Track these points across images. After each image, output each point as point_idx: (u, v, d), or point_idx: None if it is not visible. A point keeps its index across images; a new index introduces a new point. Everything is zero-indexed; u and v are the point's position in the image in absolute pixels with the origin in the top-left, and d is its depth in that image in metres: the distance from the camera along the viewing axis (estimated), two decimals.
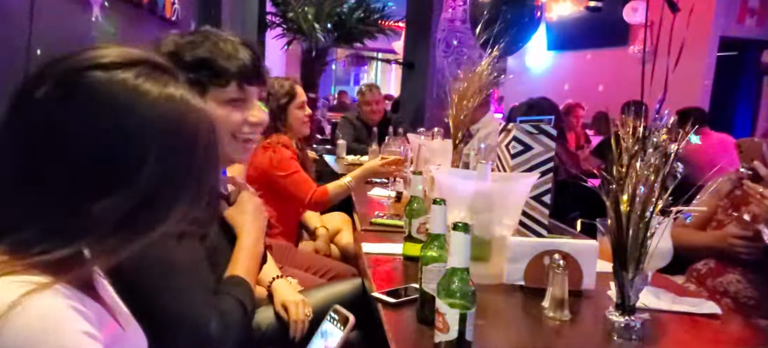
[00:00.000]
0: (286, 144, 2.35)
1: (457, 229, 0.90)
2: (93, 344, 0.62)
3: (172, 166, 0.64)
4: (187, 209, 0.66)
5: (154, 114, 0.62)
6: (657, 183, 0.98)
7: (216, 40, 1.06)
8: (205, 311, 0.98)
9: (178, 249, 0.98)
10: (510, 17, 3.72)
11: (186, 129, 0.65)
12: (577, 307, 1.26)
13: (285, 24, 5.85)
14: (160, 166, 0.62)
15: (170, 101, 0.64)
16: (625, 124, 1.04)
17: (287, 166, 2.29)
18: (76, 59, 0.63)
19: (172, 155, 0.63)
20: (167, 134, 0.63)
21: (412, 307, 1.18)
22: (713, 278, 1.72)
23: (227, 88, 1.06)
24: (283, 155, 2.29)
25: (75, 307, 0.62)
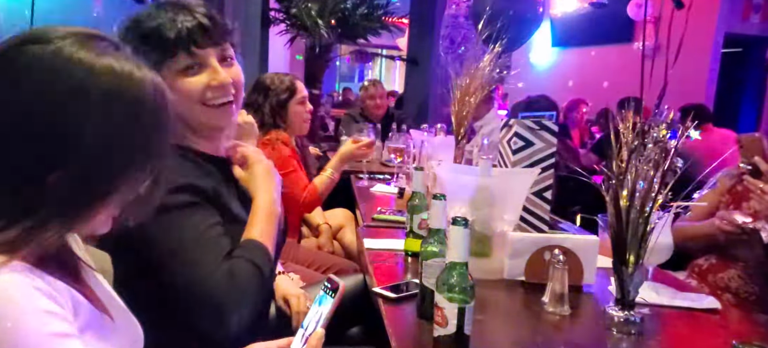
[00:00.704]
0: (285, 141, 2.32)
1: (456, 224, 0.91)
2: (55, 323, 0.62)
3: (114, 133, 0.64)
4: (142, 175, 0.68)
5: (90, 82, 0.63)
6: (656, 178, 0.98)
7: (159, 10, 1.02)
8: (215, 278, 0.95)
9: (185, 223, 0.98)
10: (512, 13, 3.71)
11: (125, 96, 0.65)
12: (578, 302, 1.27)
13: (288, 20, 5.85)
14: (100, 132, 0.63)
15: (107, 69, 0.64)
16: (625, 119, 1.05)
17: (284, 164, 2.25)
18: (17, 37, 0.65)
19: (112, 122, 0.64)
20: (106, 101, 0.64)
21: (413, 302, 1.19)
22: (714, 274, 1.72)
23: (176, 58, 1.02)
24: (281, 153, 2.26)
25: (37, 287, 0.62)
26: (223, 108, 1.08)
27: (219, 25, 1.06)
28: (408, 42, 5.85)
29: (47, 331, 0.61)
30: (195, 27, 1.02)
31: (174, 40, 1.01)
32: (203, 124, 1.09)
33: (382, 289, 1.26)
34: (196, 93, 1.04)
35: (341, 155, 2.39)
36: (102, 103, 0.63)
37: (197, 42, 1.02)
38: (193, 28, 1.01)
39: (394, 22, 6.39)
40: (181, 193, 0.99)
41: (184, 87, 1.03)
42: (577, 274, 1.32)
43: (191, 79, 1.04)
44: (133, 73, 0.66)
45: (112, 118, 0.64)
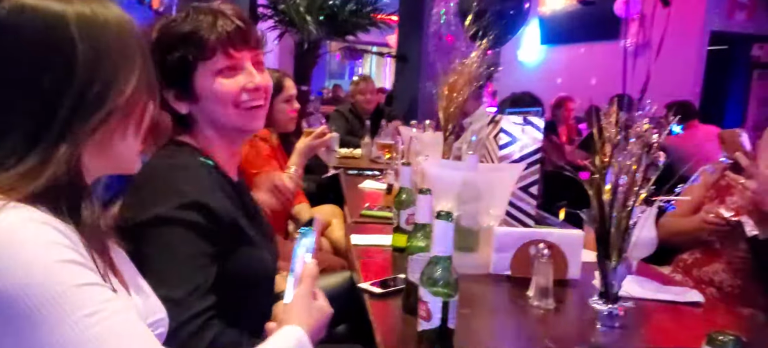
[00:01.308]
0: (264, 137, 2.29)
1: (441, 217, 0.91)
2: (65, 251, 0.63)
3: (96, 46, 0.69)
4: (130, 87, 0.71)
5: (65, 11, 0.68)
6: (639, 173, 0.99)
7: (196, 14, 1.04)
8: (186, 327, 0.89)
9: (182, 243, 0.95)
10: (499, 10, 3.73)
11: (99, 18, 0.70)
12: (563, 296, 1.28)
13: (276, 16, 5.82)
14: (85, 47, 0.68)
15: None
16: (608, 114, 1.05)
17: (261, 163, 2.22)
18: None
19: (93, 38, 0.69)
20: (83, 23, 0.69)
21: (399, 297, 1.19)
22: (699, 268, 1.74)
23: (214, 59, 1.04)
24: (258, 150, 2.23)
25: (46, 221, 0.64)
26: (255, 111, 1.09)
27: (254, 30, 1.10)
28: (397, 39, 5.85)
29: (54, 259, 0.62)
30: (234, 30, 1.04)
31: (214, 41, 1.03)
32: (234, 128, 1.09)
33: (368, 284, 1.26)
34: (231, 94, 1.06)
35: (298, 151, 2.37)
36: (79, 26, 0.69)
37: (235, 45, 1.05)
38: (232, 31, 1.04)
39: (384, 18, 6.38)
40: (193, 210, 0.96)
41: (220, 87, 1.05)
42: (562, 268, 1.33)
43: (228, 81, 1.06)
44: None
45: (92, 37, 0.69)
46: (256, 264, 1.07)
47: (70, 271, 0.62)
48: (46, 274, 0.61)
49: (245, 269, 1.04)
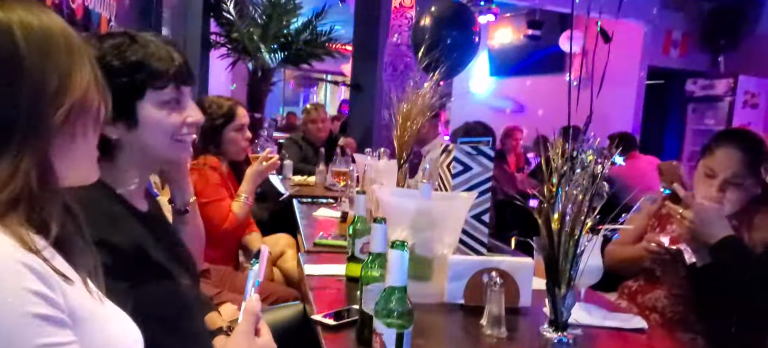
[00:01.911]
0: (214, 166, 2.24)
1: (395, 247, 0.91)
2: (37, 304, 0.61)
3: (44, 48, 0.69)
4: (84, 84, 0.71)
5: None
6: (585, 202, 1.03)
7: (145, 43, 1.05)
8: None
9: None
10: (450, 42, 3.83)
11: (42, 23, 0.70)
12: (515, 324, 1.29)
13: (230, 44, 5.78)
14: (33, 49, 0.68)
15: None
16: (555, 146, 1.09)
17: (210, 192, 2.18)
18: None
19: (40, 39, 0.69)
20: (28, 28, 0.69)
21: (353, 329, 1.18)
22: (643, 295, 1.80)
23: (164, 90, 1.06)
24: (207, 179, 2.19)
25: (26, 263, 0.62)
26: (188, 144, 1.13)
27: (192, 67, 1.14)
28: (352, 68, 5.90)
29: (32, 311, 0.61)
30: (183, 65, 1.08)
31: (168, 73, 1.05)
32: (165, 158, 1.13)
33: (321, 316, 1.24)
34: (172, 127, 1.08)
35: (248, 178, 2.35)
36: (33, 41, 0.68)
37: (185, 80, 1.09)
38: (182, 65, 1.08)
39: (338, 48, 6.44)
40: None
41: (165, 119, 1.07)
42: (514, 296, 1.35)
43: (172, 114, 1.08)
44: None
45: (38, 42, 0.69)
46: (168, 296, 1.05)
47: (35, 329, 0.61)
48: (14, 325, 0.60)
49: (157, 301, 1.02)
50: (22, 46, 0.67)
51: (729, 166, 1.65)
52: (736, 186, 1.65)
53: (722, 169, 1.66)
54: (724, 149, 1.68)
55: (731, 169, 1.65)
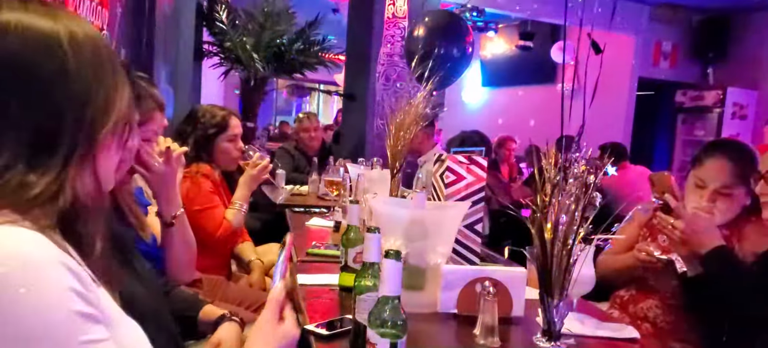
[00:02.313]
0: (206, 174, 2.24)
1: (389, 257, 0.91)
2: (79, 303, 0.62)
3: (90, 61, 0.69)
4: (125, 102, 0.73)
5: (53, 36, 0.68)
6: (577, 212, 1.03)
7: (138, 81, 1.17)
8: None
9: None
10: (443, 53, 3.85)
11: (87, 35, 0.70)
12: (507, 334, 1.29)
13: (222, 53, 5.78)
14: (79, 62, 0.68)
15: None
16: (548, 156, 1.10)
17: (203, 199, 2.18)
18: None
19: (86, 53, 0.69)
20: (75, 40, 0.68)
21: (347, 339, 1.17)
22: (635, 304, 1.81)
23: (150, 123, 1.18)
24: (200, 187, 2.18)
25: (64, 263, 0.62)
26: None
27: None
28: (345, 78, 5.91)
29: (74, 309, 0.62)
30: None
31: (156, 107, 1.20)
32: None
33: (314, 326, 1.23)
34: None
35: (242, 184, 2.34)
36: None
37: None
38: None
39: (331, 58, 6.45)
40: None
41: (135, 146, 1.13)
42: (507, 305, 1.35)
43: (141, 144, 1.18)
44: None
45: (83, 55, 0.69)
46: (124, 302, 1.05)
47: (79, 327, 0.63)
48: (60, 323, 0.61)
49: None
50: (71, 58, 0.67)
51: (718, 177, 1.67)
52: (725, 196, 1.67)
53: (712, 180, 1.68)
54: (713, 160, 1.70)
55: (721, 180, 1.67)
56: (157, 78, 3.63)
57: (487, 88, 9.23)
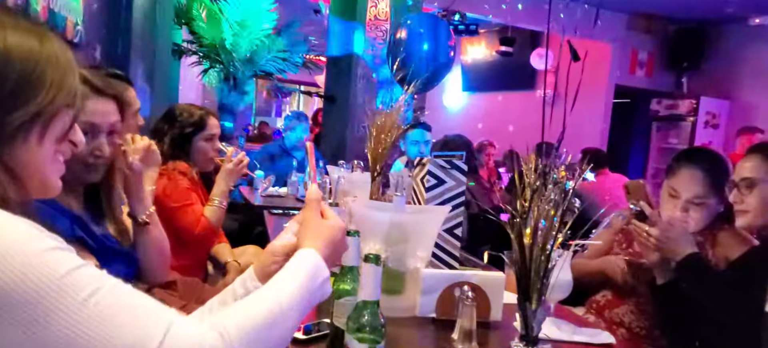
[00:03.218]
0: (183, 171, 2.20)
1: (369, 261, 0.90)
2: (47, 240, 0.64)
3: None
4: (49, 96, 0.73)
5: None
6: (557, 217, 1.04)
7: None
8: None
9: None
10: (425, 57, 3.86)
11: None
12: (485, 339, 1.29)
13: (201, 52, 5.71)
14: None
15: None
16: (528, 161, 1.10)
17: (180, 196, 2.14)
18: None
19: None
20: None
21: (323, 343, 1.16)
22: (610, 310, 1.82)
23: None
24: (176, 183, 2.15)
25: (36, 228, 0.64)
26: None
27: None
28: (325, 80, 5.89)
29: (42, 248, 0.63)
30: None
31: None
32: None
33: None
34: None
35: (219, 180, 2.31)
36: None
37: None
38: None
39: (312, 59, 6.42)
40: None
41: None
42: (485, 310, 1.35)
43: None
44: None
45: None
46: None
47: (59, 258, 0.64)
48: (40, 264, 0.62)
49: None
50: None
51: (691, 187, 1.69)
52: (699, 206, 1.69)
53: (685, 191, 1.70)
54: (686, 170, 1.72)
55: (694, 191, 1.69)
56: (133, 75, 3.56)
57: (468, 93, 9.29)
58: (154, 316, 0.66)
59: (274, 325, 0.75)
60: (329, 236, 0.91)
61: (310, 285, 0.82)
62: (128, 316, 0.64)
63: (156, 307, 0.68)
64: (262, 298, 0.78)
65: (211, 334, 0.68)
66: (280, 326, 0.76)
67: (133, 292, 0.68)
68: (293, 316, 0.79)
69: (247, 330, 0.71)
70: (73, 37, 2.77)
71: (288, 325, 0.78)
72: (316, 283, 0.84)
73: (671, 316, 1.67)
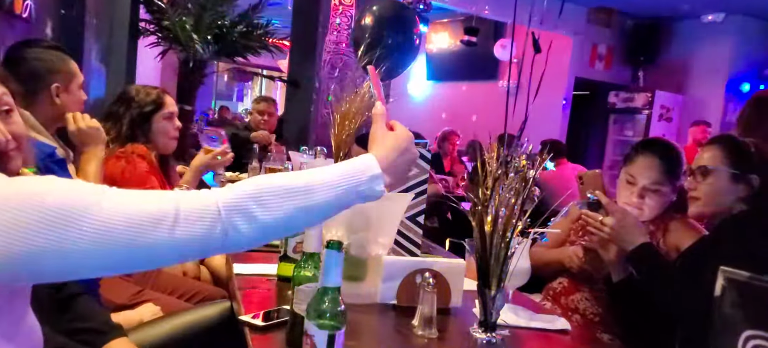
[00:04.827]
0: (142, 154, 2.13)
1: (331, 247, 0.89)
2: None
3: None
4: None
5: None
6: (517, 206, 1.05)
7: None
8: None
9: None
10: (391, 43, 3.85)
11: None
12: (445, 325, 1.31)
13: (160, 32, 5.52)
14: None
15: None
16: (491, 150, 1.11)
17: (138, 179, 2.06)
18: None
19: None
20: None
21: (283, 330, 1.15)
22: (566, 296, 1.87)
23: None
24: (136, 167, 2.08)
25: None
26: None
27: None
28: (289, 64, 5.80)
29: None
30: None
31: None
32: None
33: (249, 317, 1.20)
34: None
35: (194, 168, 2.26)
36: None
37: None
38: None
39: (275, 42, 6.30)
40: None
41: None
42: (446, 296, 1.37)
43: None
44: None
45: None
46: None
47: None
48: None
49: None
50: None
51: (648, 173, 1.75)
52: (654, 192, 1.76)
53: (642, 177, 1.76)
54: (644, 158, 1.78)
55: (650, 177, 1.75)
56: (87, 55, 3.42)
57: (432, 81, 9.32)
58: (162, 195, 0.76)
59: (293, 195, 0.79)
60: (392, 144, 0.93)
61: (349, 175, 0.85)
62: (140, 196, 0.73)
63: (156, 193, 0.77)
64: (289, 174, 0.84)
65: (219, 190, 0.76)
66: (299, 198, 0.79)
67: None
68: (320, 196, 0.81)
69: (259, 188, 0.78)
70: (21, 12, 2.63)
71: (311, 201, 0.81)
72: (360, 178, 0.86)
73: (625, 303, 1.72)
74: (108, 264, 0.72)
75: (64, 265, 0.69)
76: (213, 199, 0.76)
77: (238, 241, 0.76)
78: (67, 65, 1.75)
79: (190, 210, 0.73)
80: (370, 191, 0.87)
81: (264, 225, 0.77)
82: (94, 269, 0.73)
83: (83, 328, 1.22)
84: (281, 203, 0.78)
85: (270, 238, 0.83)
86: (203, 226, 0.73)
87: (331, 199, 0.82)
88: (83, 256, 0.68)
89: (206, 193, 0.77)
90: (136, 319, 1.54)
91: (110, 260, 0.71)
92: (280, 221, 0.78)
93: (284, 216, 0.78)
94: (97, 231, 0.68)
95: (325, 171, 0.84)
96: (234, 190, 0.77)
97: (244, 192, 0.77)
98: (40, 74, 1.67)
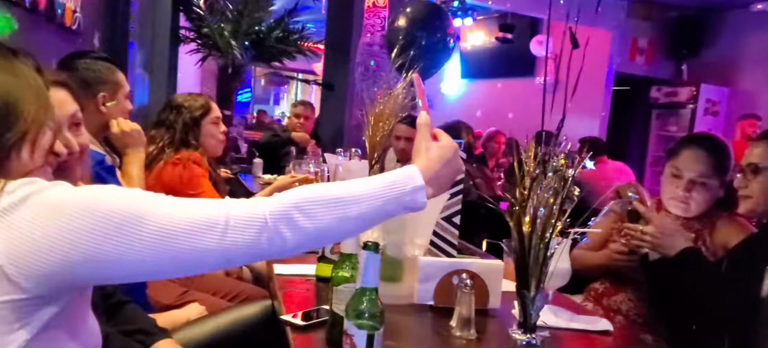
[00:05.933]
0: (197, 161, 2.22)
1: (367, 248, 0.90)
2: None
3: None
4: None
5: None
6: (556, 206, 1.04)
7: None
8: None
9: None
10: (424, 43, 3.84)
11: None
12: (483, 326, 1.30)
13: (200, 39, 5.67)
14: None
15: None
16: (528, 149, 1.10)
17: (197, 184, 2.16)
18: None
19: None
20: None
21: (323, 329, 1.17)
22: (608, 297, 1.83)
23: None
24: (193, 172, 2.16)
25: None
26: None
27: None
28: (324, 67, 5.86)
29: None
30: None
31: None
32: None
33: (290, 316, 1.22)
34: None
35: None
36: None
37: None
38: None
39: (310, 46, 6.39)
40: None
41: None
42: (484, 298, 1.36)
43: None
44: None
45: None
46: None
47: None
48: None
49: None
50: None
51: (695, 166, 1.70)
52: (701, 186, 1.70)
53: (688, 170, 1.70)
54: (690, 151, 1.73)
55: (697, 170, 1.69)
56: (131, 63, 3.55)
57: (466, 80, 9.25)
58: (212, 203, 0.79)
59: (336, 205, 0.81)
60: (437, 155, 0.93)
61: (391, 186, 0.85)
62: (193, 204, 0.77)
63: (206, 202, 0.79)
64: (332, 184, 0.85)
65: (265, 199, 0.79)
66: (342, 208, 0.81)
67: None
68: (363, 207, 0.83)
69: (304, 197, 0.80)
70: (71, 24, 2.75)
71: (354, 212, 0.82)
72: (402, 189, 0.86)
73: (668, 298, 1.67)
74: (159, 269, 0.76)
75: (120, 269, 0.73)
76: (261, 208, 0.78)
77: (282, 248, 0.79)
78: (115, 75, 1.82)
79: (239, 217, 0.77)
80: (412, 203, 0.87)
81: (307, 233, 0.79)
82: (146, 274, 0.77)
83: (133, 329, 1.28)
84: (325, 213, 0.80)
85: (312, 247, 0.85)
86: (251, 233, 0.76)
87: (373, 210, 0.84)
88: (140, 260, 0.72)
89: (255, 202, 0.80)
90: (183, 318, 1.59)
91: (162, 266, 0.75)
92: (323, 231, 0.80)
93: (327, 225, 0.80)
94: (155, 238, 0.72)
95: (368, 182, 0.85)
96: (280, 200, 0.80)
97: (289, 201, 0.80)
98: (89, 84, 1.74)
